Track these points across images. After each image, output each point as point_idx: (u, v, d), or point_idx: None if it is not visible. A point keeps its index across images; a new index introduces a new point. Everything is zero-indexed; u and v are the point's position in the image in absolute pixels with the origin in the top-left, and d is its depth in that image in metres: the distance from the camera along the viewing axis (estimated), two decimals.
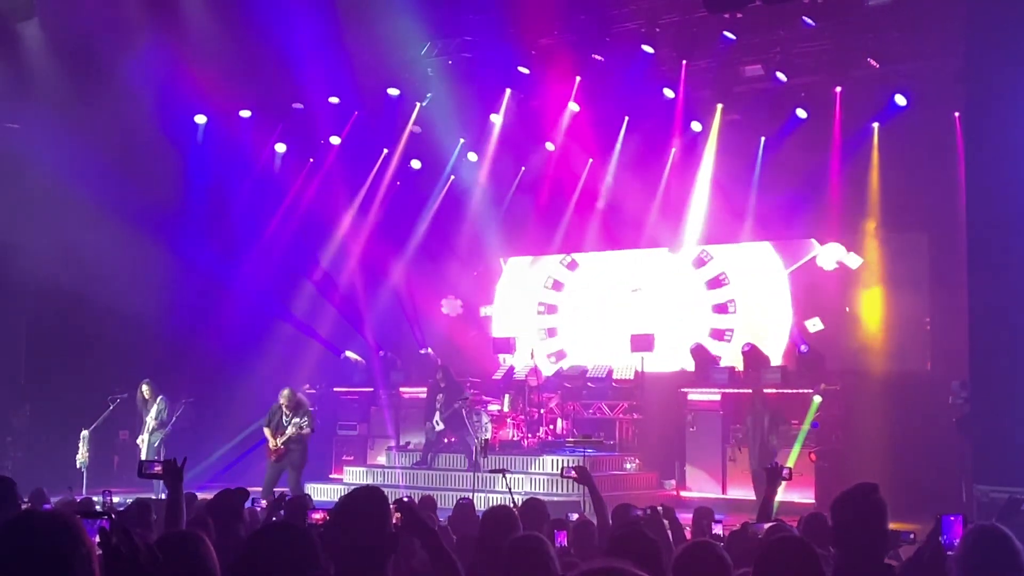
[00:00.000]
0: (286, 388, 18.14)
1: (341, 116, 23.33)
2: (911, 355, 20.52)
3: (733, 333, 22.31)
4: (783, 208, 21.11)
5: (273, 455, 17.61)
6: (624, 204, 22.96)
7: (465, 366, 23.30)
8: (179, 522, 6.55)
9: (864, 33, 18.94)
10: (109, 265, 20.21)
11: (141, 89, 19.97)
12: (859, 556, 5.18)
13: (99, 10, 18.48)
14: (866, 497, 5.30)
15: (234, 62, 19.88)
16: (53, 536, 3.08)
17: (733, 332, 22.33)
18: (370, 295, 25.28)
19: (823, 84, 20.13)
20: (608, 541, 6.19)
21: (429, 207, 25.04)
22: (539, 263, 24.97)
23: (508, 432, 20.87)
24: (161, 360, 21.61)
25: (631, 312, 23.45)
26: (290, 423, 17.49)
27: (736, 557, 5.59)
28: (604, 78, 20.91)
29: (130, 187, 20.45)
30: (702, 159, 21.98)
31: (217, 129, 22.62)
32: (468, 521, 10.18)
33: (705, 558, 5.00)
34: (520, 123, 22.76)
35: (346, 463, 22.27)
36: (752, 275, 22.31)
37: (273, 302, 24.27)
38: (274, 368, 23.39)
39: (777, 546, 4.95)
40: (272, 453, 17.62)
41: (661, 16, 19.66)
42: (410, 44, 21.01)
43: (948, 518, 6.14)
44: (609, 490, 15.85)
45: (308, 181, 24.58)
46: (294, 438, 17.54)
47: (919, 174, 19.41)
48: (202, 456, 20.21)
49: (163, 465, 6.84)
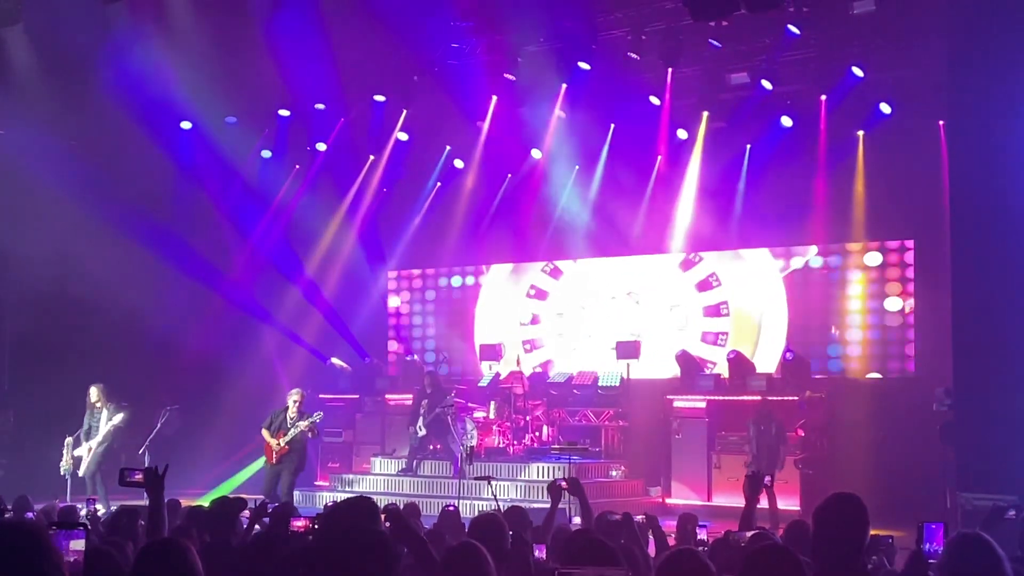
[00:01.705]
0: (297, 388, 18.09)
1: (327, 123, 23.32)
2: (895, 361, 20.60)
3: (728, 337, 22.32)
4: (769, 215, 21.14)
5: (275, 457, 17.40)
6: (610, 211, 22.96)
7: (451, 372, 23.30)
8: (160, 530, 6.54)
9: (849, 41, 19.02)
10: (94, 271, 20.18)
11: (127, 94, 19.93)
12: (837, 564, 5.17)
13: (84, 15, 18.42)
14: (846, 505, 5.30)
15: (220, 68, 19.85)
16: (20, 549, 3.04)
17: (728, 336, 22.34)
18: (356, 301, 25.28)
19: (808, 92, 20.20)
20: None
21: (415, 214, 25.03)
22: (522, 270, 24.96)
23: (494, 439, 20.87)
24: (146, 366, 21.59)
25: (617, 319, 23.48)
26: (294, 425, 17.32)
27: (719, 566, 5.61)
28: (590, 85, 20.93)
29: (116, 192, 20.45)
30: (688, 166, 22.01)
31: (203, 135, 22.57)
32: (454, 528, 10.16)
33: (688, 565, 5.00)
34: (506, 130, 22.75)
35: (331, 470, 22.25)
36: (742, 280, 22.32)
37: (259, 308, 24.24)
38: (259, 374, 23.38)
39: (761, 554, 4.95)
40: (275, 455, 17.39)
41: (647, 24, 19.68)
42: (396, 51, 20.99)
43: (930, 526, 6.14)
44: (595, 497, 15.83)
45: (294, 187, 24.59)
46: (296, 440, 17.39)
47: (904, 181, 19.48)
48: (186, 462, 20.13)
49: (144, 473, 6.81)
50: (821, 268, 21.50)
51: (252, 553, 6.99)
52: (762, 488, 8.18)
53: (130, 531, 8.09)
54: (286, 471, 17.34)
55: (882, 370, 20.70)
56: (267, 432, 17.51)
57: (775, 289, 21.93)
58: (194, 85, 20.15)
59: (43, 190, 19.43)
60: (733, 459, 19.11)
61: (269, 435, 17.45)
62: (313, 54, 19.91)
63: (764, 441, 18.01)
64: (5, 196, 19.59)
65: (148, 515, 6.71)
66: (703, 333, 22.65)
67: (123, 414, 18.24)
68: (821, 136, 20.43)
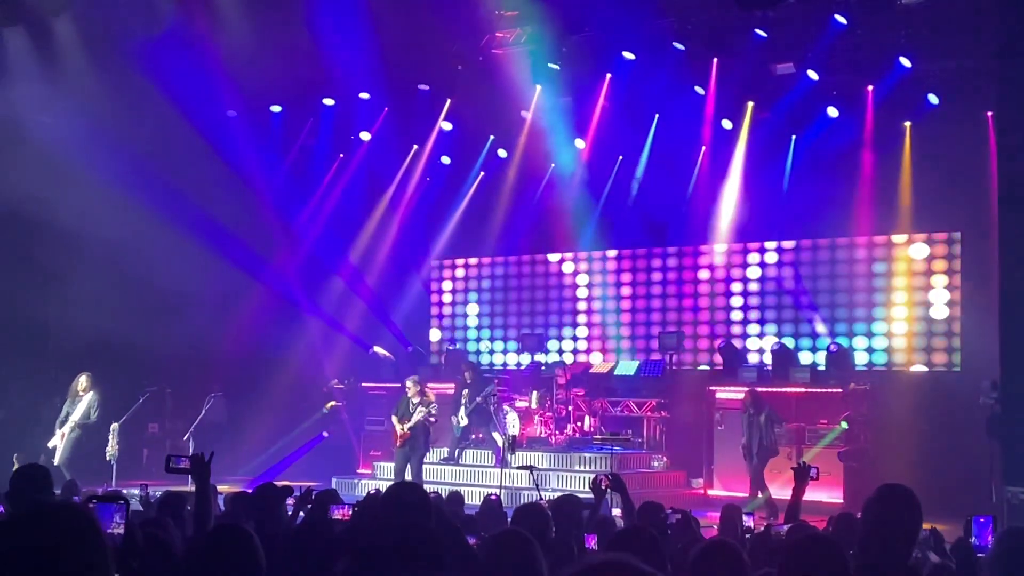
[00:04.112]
0: (412, 377, 19.30)
1: (371, 112, 23.35)
2: (941, 354, 20.43)
3: (765, 328, 22.22)
4: (814, 206, 20.98)
5: (400, 441, 18.64)
6: (654, 202, 22.89)
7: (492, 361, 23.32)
8: (208, 516, 6.60)
9: (896, 31, 18.83)
10: (140, 258, 20.34)
11: (173, 82, 20.04)
12: (886, 556, 5.05)
13: (131, 4, 18.56)
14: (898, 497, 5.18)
15: (266, 57, 19.92)
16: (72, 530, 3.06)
17: (765, 327, 22.23)
18: (399, 290, 25.36)
19: (855, 82, 20.02)
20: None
21: (458, 203, 25.07)
22: (564, 260, 24.91)
23: (536, 429, 20.88)
24: (190, 353, 21.71)
25: (661, 310, 23.44)
26: (416, 410, 18.51)
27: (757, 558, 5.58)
28: (635, 75, 20.86)
29: (161, 180, 20.57)
30: (733, 157, 21.90)
31: (248, 124, 22.67)
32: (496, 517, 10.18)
33: (723, 557, 4.98)
34: (551, 120, 22.70)
35: (374, 458, 22.30)
36: (786, 271, 22.19)
37: (302, 297, 24.35)
38: (303, 362, 23.51)
39: (803, 544, 4.92)
40: (399, 439, 18.62)
41: (692, 13, 19.58)
42: (441, 40, 20.99)
43: (979, 519, 6.10)
44: (636, 488, 15.84)
45: (338, 176, 24.67)
46: (419, 425, 18.51)
47: (951, 173, 19.32)
48: (228, 449, 20.28)
49: (190, 460, 6.86)
50: (866, 259, 21.33)
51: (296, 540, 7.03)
52: (808, 479, 8.13)
53: (177, 515, 8.15)
54: (413, 454, 18.70)
55: (927, 363, 20.53)
56: (395, 418, 18.80)
57: (820, 281, 21.79)
58: (240, 74, 20.23)
59: (90, 177, 19.56)
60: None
61: (396, 420, 18.73)
62: (357, 43, 19.93)
63: (755, 430, 18.07)
64: (52, 182, 19.73)
65: (196, 501, 6.76)
66: (746, 324, 22.53)
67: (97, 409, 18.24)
68: (868, 127, 20.27)
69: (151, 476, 17.44)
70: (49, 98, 19.63)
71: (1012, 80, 14.71)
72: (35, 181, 19.35)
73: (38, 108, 19.64)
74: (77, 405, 18.24)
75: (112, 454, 18.13)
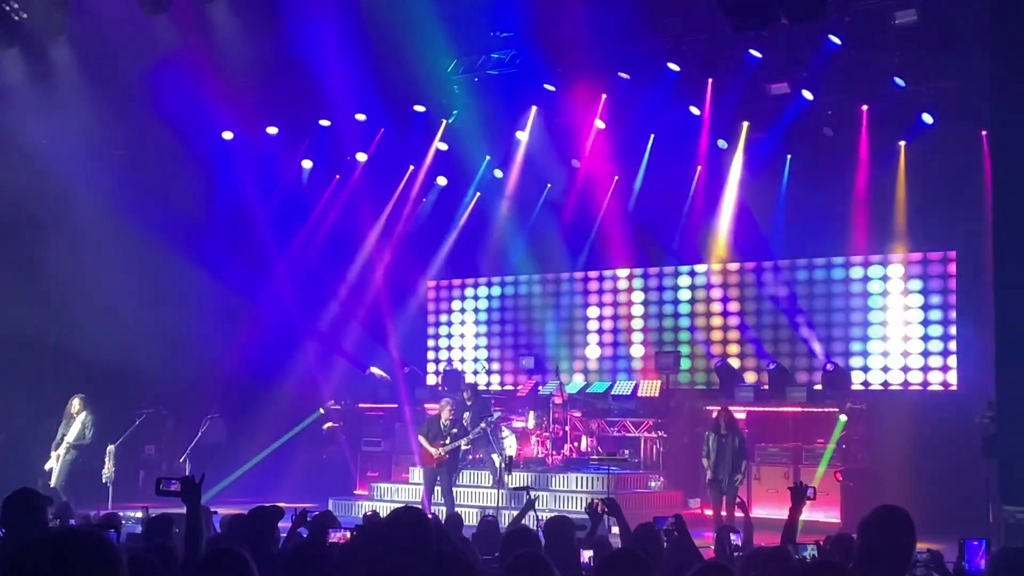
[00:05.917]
0: (445, 399, 19.20)
1: (367, 133, 23.39)
2: (937, 373, 20.44)
3: (762, 347, 22.22)
4: (809, 226, 21.02)
5: (434, 462, 18.48)
6: (650, 221, 22.93)
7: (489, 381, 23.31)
8: (199, 538, 6.57)
9: (890, 51, 18.87)
10: (135, 280, 20.32)
11: (168, 105, 20.08)
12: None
13: (127, 27, 18.58)
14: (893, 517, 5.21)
15: (261, 79, 19.95)
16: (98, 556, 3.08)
17: (763, 346, 22.23)
18: (396, 311, 25.35)
19: (849, 102, 20.11)
20: None
21: (455, 224, 25.09)
22: (560, 280, 24.93)
23: (533, 449, 20.84)
24: (187, 376, 21.67)
25: (658, 329, 23.46)
26: (449, 433, 18.41)
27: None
28: (630, 95, 20.91)
29: (157, 203, 20.58)
30: (728, 176, 21.94)
31: (244, 146, 22.70)
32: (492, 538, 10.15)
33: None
34: (546, 140, 22.75)
35: (371, 479, 22.26)
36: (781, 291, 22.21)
37: (299, 318, 24.33)
38: (300, 384, 23.48)
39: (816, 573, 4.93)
40: (434, 461, 18.46)
41: (687, 34, 19.63)
42: (437, 61, 21.04)
43: (971, 543, 6.08)
44: (634, 508, 15.83)
45: (334, 197, 24.69)
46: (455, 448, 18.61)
47: (946, 192, 19.36)
48: (227, 471, 20.26)
49: (181, 482, 6.84)
50: (862, 278, 21.36)
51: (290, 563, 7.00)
52: (805, 499, 8.10)
53: (166, 538, 8.12)
54: (444, 474, 18.62)
55: (923, 382, 20.55)
56: (424, 439, 18.66)
57: (816, 300, 21.81)
58: (236, 95, 20.26)
59: (87, 198, 19.57)
60: (773, 470, 19.04)
61: (427, 442, 18.57)
62: (353, 64, 19.96)
63: (726, 451, 17.70)
64: (48, 205, 19.74)
65: (186, 523, 6.74)
66: (742, 344, 22.54)
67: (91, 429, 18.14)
68: (862, 146, 20.33)
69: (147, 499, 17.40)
70: (45, 120, 19.65)
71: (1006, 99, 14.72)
72: (33, 203, 19.36)
73: (35, 131, 19.65)
74: (71, 426, 18.21)
75: (108, 476, 18.07)
